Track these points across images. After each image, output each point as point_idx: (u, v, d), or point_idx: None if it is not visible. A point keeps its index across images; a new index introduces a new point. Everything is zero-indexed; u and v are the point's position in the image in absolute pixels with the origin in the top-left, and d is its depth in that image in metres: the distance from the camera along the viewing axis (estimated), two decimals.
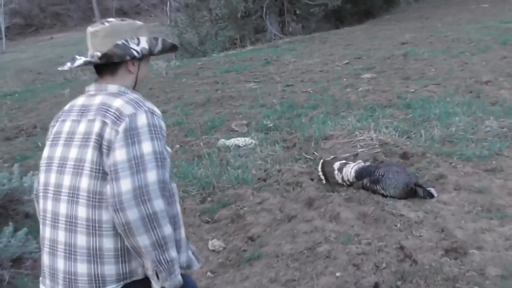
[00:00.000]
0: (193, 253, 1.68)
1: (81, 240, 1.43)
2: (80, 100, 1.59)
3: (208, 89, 8.79)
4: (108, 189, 1.39)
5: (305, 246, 3.13)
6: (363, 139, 4.87)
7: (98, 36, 1.55)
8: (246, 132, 5.67)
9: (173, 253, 1.46)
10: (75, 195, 1.45)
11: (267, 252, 3.12)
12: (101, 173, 1.43)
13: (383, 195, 3.69)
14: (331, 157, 4.30)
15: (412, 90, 6.96)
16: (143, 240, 1.38)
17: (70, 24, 50.06)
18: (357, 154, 4.58)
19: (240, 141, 5.21)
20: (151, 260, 1.41)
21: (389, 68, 9.10)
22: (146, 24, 1.73)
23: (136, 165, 1.39)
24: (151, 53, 1.61)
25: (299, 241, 3.21)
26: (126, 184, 1.37)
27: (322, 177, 4.04)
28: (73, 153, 1.48)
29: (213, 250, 3.27)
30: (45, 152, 1.59)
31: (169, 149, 1.57)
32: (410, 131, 5.02)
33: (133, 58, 1.56)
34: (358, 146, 4.75)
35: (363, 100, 6.60)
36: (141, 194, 1.37)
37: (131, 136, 1.42)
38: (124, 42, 1.54)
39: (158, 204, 1.40)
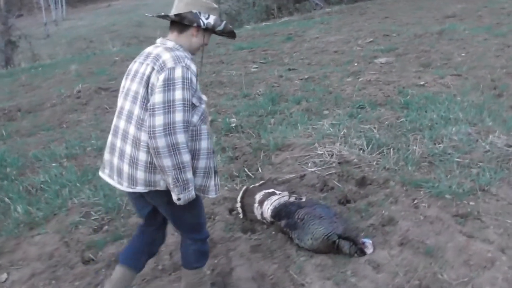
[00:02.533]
0: (215, 185, 2.14)
1: (128, 149, 2.01)
2: (148, 49, 2.08)
3: (206, 71, 8.01)
4: (146, 120, 1.89)
5: None
6: (321, 154, 3.92)
7: (182, 2, 2.02)
8: None
9: (189, 175, 1.94)
10: (130, 117, 2.00)
11: None
12: (146, 106, 1.91)
13: (298, 246, 2.81)
14: (260, 183, 3.44)
15: (422, 82, 5.77)
16: (167, 162, 1.86)
17: None
18: (304, 176, 3.67)
19: None
20: (172, 177, 1.90)
21: (414, 50, 7.80)
22: None
23: (168, 107, 1.85)
24: (213, 29, 2.05)
25: None
26: (159, 120, 1.84)
27: (240, 210, 3.20)
28: (134, 86, 2.02)
29: None
30: (121, 83, 2.14)
31: (204, 97, 2.07)
32: (387, 145, 3.99)
33: (199, 26, 2.02)
34: (311, 163, 3.83)
35: (357, 95, 5.54)
36: (168, 129, 1.84)
37: (168, 85, 1.87)
38: (197, 12, 2.00)
39: (181, 137, 1.86)
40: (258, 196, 3.16)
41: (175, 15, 1.98)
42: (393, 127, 4.41)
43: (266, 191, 3.20)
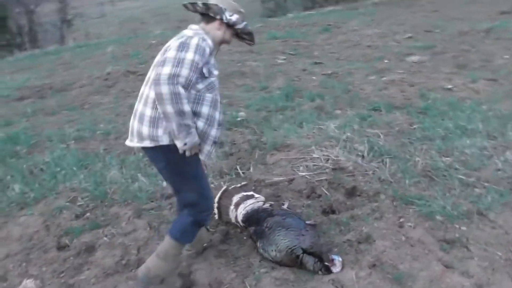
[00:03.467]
0: (209, 151, 2.31)
1: (140, 107, 2.27)
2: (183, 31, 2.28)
3: (233, 60, 7.94)
4: (156, 69, 2.08)
5: None
6: (317, 158, 3.75)
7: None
8: None
9: (191, 122, 2.12)
10: (147, 81, 2.26)
11: None
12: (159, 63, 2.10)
13: (262, 256, 2.68)
14: (241, 184, 3.32)
15: (450, 86, 5.40)
16: (169, 108, 2.03)
17: None
18: (292, 180, 3.52)
19: None
20: (176, 123, 2.06)
21: (453, 48, 7.34)
22: None
23: (178, 62, 2.06)
24: (234, 25, 2.29)
25: None
26: (166, 69, 2.03)
27: (216, 210, 3.11)
28: (158, 57, 2.22)
29: None
30: None
31: (216, 72, 2.27)
32: (389, 153, 3.74)
33: (221, 20, 2.25)
34: (303, 167, 3.66)
35: (376, 95, 5.26)
36: (173, 78, 2.02)
37: (183, 47, 2.10)
38: (223, 8, 2.23)
39: (182, 90, 2.04)
40: (235, 198, 3.05)
41: (203, 3, 2.22)
42: (403, 134, 4.14)
43: (245, 193, 3.08)
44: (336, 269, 2.55)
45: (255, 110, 5.11)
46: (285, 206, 3.15)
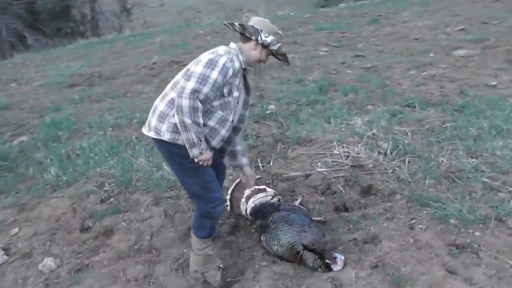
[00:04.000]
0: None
1: (157, 102, 2.42)
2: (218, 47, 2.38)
3: None
4: (181, 82, 2.25)
5: None
6: (337, 154, 3.71)
7: (252, 21, 2.41)
8: None
9: (199, 136, 2.25)
10: (175, 83, 2.38)
11: None
12: (186, 76, 2.24)
13: (265, 250, 2.73)
14: (257, 177, 3.35)
15: (495, 83, 5.11)
16: (187, 119, 2.17)
17: None
18: (309, 175, 3.51)
19: None
20: (194, 131, 2.21)
21: (507, 42, 6.90)
22: None
23: (202, 78, 2.17)
24: (268, 46, 2.37)
25: None
26: (190, 84, 2.16)
27: (228, 203, 3.18)
28: (191, 64, 2.33)
29: (41, 271, 2.86)
30: None
31: (236, 93, 2.38)
32: (414, 153, 3.63)
33: (257, 40, 2.34)
34: (322, 163, 3.64)
35: (412, 91, 5.08)
36: (195, 93, 2.16)
37: (211, 64, 2.21)
38: (259, 29, 2.34)
39: (200, 105, 2.18)
40: (247, 191, 3.10)
41: (240, 24, 2.35)
42: (432, 133, 3.99)
43: (257, 187, 3.12)
44: (337, 267, 2.54)
45: (285, 103, 5.11)
46: (297, 202, 3.16)
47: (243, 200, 3.08)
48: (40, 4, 15.98)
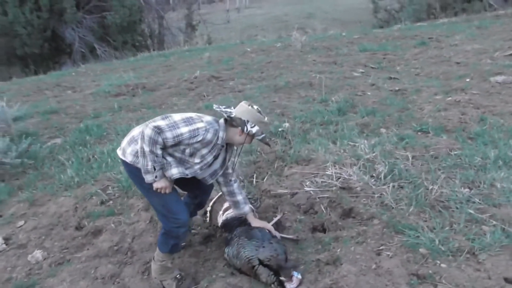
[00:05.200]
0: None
1: (136, 127, 2.61)
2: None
3: (311, 71, 8.00)
4: (158, 119, 2.40)
5: None
6: (330, 175, 3.71)
7: (241, 108, 2.57)
8: None
9: (159, 164, 2.43)
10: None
11: None
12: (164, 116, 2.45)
13: (227, 261, 2.80)
14: None
15: None
16: (146, 147, 2.33)
17: None
18: (295, 194, 3.54)
19: None
20: (150, 160, 2.37)
21: None
22: None
23: (172, 125, 2.36)
24: (253, 136, 2.56)
25: None
26: (160, 123, 2.36)
27: (208, 214, 3.29)
28: (179, 115, 2.52)
29: (29, 262, 3.13)
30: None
31: (197, 160, 2.51)
32: (408, 178, 3.55)
33: (242, 130, 2.52)
34: (311, 182, 3.65)
35: (431, 116, 4.94)
36: (158, 130, 2.32)
37: (188, 122, 2.42)
38: (246, 120, 2.52)
39: (160, 142, 2.34)
40: (226, 205, 3.20)
41: (228, 116, 2.52)
42: (436, 160, 3.86)
43: None
44: (291, 285, 2.56)
45: (300, 122, 5.16)
46: (275, 219, 3.21)
47: (221, 212, 3.18)
48: (110, 18, 17.19)
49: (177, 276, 2.68)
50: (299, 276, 2.60)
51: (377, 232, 2.95)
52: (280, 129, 4.96)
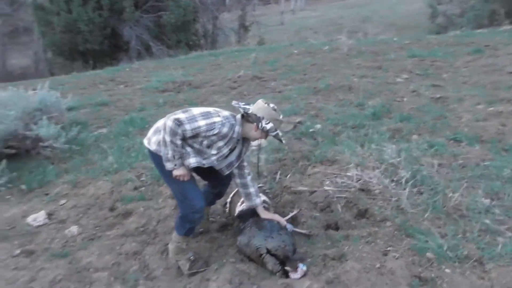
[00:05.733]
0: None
1: (161, 119, 2.78)
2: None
3: (354, 75, 8.01)
4: (179, 112, 2.61)
5: None
6: (351, 176, 3.79)
7: (258, 105, 2.73)
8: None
9: (179, 154, 2.63)
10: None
11: None
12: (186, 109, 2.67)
13: (238, 248, 2.97)
14: (260, 185, 3.60)
15: None
16: (167, 137, 2.54)
17: None
18: (314, 192, 3.65)
19: None
20: (171, 149, 2.57)
21: None
22: None
23: (191, 118, 2.55)
24: (267, 132, 2.71)
25: None
26: (181, 116, 2.55)
27: (228, 205, 3.48)
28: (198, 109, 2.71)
29: (65, 235, 3.46)
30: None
31: (214, 155, 2.70)
32: (430, 185, 3.57)
33: (257, 126, 2.67)
34: (331, 182, 3.75)
35: (468, 125, 4.86)
36: (178, 122, 2.50)
37: (206, 115, 2.60)
38: (261, 117, 2.68)
39: (180, 133, 2.53)
40: None
41: (246, 111, 2.70)
42: (463, 169, 3.83)
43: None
44: (295, 275, 2.69)
45: (332, 124, 5.23)
46: (291, 214, 3.34)
47: (239, 204, 3.35)
48: (165, 18, 17.87)
49: (191, 257, 2.88)
50: (304, 268, 2.72)
51: (387, 234, 3.01)
52: (310, 130, 5.06)
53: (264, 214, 3.02)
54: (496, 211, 3.15)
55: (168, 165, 2.65)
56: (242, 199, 3.34)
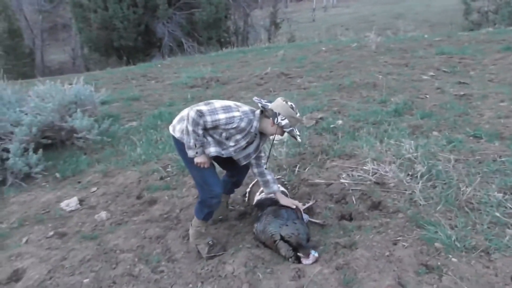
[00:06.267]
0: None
1: (185, 109, 2.95)
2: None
3: (380, 72, 8.05)
4: (202, 104, 2.82)
5: None
6: (367, 170, 3.90)
7: (276, 103, 2.89)
8: (302, 127, 5.27)
9: (200, 142, 2.82)
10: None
11: None
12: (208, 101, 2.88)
13: (254, 235, 3.15)
14: (277, 177, 3.76)
15: None
16: (190, 126, 2.74)
17: None
18: (330, 184, 3.79)
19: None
20: (193, 138, 2.77)
21: None
22: None
23: (212, 111, 2.74)
24: (282, 128, 2.84)
25: None
26: (203, 107, 2.75)
27: (247, 195, 3.66)
28: (223, 102, 2.91)
29: (95, 219, 3.73)
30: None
31: (231, 143, 2.87)
32: (444, 180, 3.62)
33: (273, 121, 2.83)
34: (347, 175, 3.87)
35: (489, 122, 4.87)
36: (200, 113, 2.71)
37: (227, 110, 2.79)
38: (278, 113, 2.83)
39: (201, 123, 2.73)
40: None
41: (263, 106, 2.87)
42: (479, 164, 3.87)
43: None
44: (306, 261, 2.84)
45: (353, 120, 5.32)
46: (307, 205, 3.49)
47: (258, 193, 3.52)
48: (197, 15, 18.23)
49: (209, 242, 3.08)
50: (316, 255, 2.86)
51: (398, 225, 3.11)
52: (332, 126, 5.17)
53: (282, 199, 3.17)
54: (508, 204, 3.19)
55: (190, 153, 2.85)
56: (260, 189, 3.52)
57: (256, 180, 3.68)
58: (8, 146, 4.60)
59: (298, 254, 2.86)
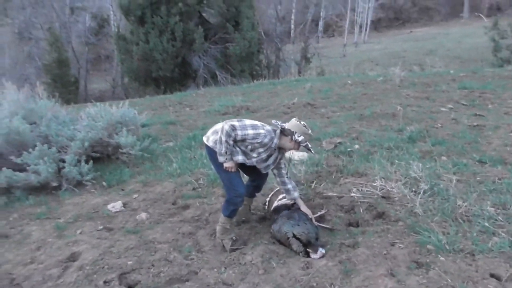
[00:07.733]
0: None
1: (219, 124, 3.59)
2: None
3: (401, 103, 8.53)
4: (234, 120, 3.43)
5: None
6: (376, 186, 4.38)
7: (291, 123, 3.51)
8: (321, 150, 5.79)
9: (229, 150, 3.43)
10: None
11: None
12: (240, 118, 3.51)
13: (271, 234, 3.67)
14: None
15: None
16: (223, 137, 3.33)
17: (436, 19, 50.59)
18: (341, 197, 4.28)
19: (300, 155, 5.49)
20: (224, 146, 3.37)
21: None
22: None
23: (243, 127, 3.36)
24: (299, 143, 3.45)
25: None
26: (236, 123, 3.36)
27: (267, 203, 4.21)
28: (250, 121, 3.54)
29: (136, 219, 4.34)
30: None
31: (254, 155, 3.51)
32: (444, 196, 4.06)
33: (291, 138, 3.43)
34: (357, 190, 4.35)
35: (495, 150, 5.27)
36: (233, 127, 3.33)
37: (255, 128, 3.41)
38: (294, 132, 3.43)
39: (232, 136, 3.34)
40: (280, 196, 4.08)
41: (281, 128, 3.46)
42: (479, 184, 4.28)
43: None
44: (314, 256, 3.33)
45: (369, 145, 5.82)
46: (319, 213, 4.00)
47: (276, 201, 4.06)
48: (231, 49, 19.26)
49: (233, 237, 3.62)
50: (323, 251, 3.35)
51: (398, 231, 3.57)
52: (348, 149, 5.68)
53: (302, 206, 3.72)
54: (499, 218, 3.60)
55: (221, 158, 3.44)
56: (278, 198, 4.05)
57: (274, 191, 4.22)
58: (64, 157, 5.33)
59: (308, 249, 3.36)
